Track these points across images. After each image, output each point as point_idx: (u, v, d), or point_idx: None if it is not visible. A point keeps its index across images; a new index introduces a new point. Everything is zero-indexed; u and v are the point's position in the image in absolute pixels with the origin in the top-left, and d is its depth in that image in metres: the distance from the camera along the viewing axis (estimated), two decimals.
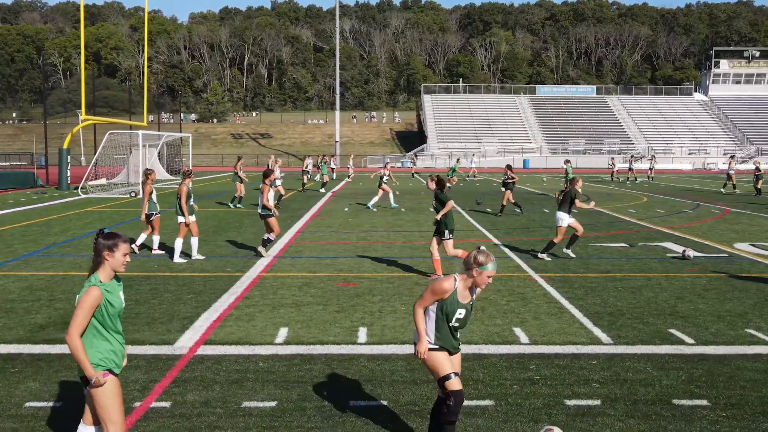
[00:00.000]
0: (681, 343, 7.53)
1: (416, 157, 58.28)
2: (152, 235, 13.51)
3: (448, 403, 4.62)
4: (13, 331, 7.84)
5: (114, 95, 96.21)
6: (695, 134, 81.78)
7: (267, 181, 13.00)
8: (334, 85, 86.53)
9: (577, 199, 12.88)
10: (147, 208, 13.16)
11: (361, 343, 7.46)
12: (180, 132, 48.06)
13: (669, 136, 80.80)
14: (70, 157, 34.76)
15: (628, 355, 7.11)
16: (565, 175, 30.45)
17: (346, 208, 23.39)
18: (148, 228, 13.47)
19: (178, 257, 12.46)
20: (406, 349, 7.16)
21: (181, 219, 12.57)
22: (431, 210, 12.24)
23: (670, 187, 37.11)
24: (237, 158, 25.02)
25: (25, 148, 72.60)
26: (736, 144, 79.24)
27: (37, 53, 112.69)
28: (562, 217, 12.93)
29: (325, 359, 6.92)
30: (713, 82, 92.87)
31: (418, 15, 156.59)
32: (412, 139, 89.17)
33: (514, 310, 8.95)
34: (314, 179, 39.35)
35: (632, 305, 9.24)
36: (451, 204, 10.88)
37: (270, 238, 13.09)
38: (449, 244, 10.90)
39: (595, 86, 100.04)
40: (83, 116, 33.63)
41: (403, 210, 22.73)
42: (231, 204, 23.66)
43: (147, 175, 13.51)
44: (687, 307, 9.14)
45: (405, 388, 6.15)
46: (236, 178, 23.94)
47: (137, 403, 5.70)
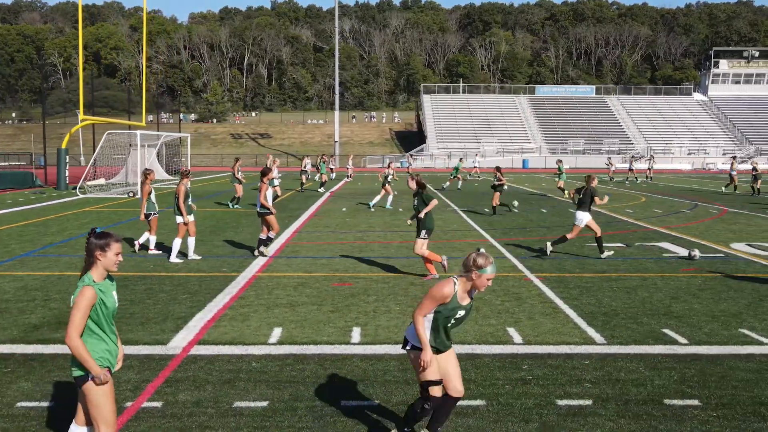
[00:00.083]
0: (674, 343, 7.54)
1: (411, 157, 58.47)
2: (149, 235, 13.54)
3: (425, 406, 4.78)
4: (7, 331, 7.84)
5: (114, 95, 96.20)
6: (694, 134, 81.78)
7: (265, 179, 13.03)
8: (333, 85, 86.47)
9: (596, 196, 13.03)
10: (146, 208, 13.19)
11: (354, 343, 7.46)
12: (179, 132, 48.03)
13: (668, 136, 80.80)
14: (69, 157, 34.80)
15: (621, 355, 7.12)
16: (558, 174, 29.41)
17: (344, 208, 23.39)
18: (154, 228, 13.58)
19: (175, 257, 12.47)
20: (400, 349, 7.14)
21: (179, 219, 12.59)
22: (411, 209, 12.26)
23: (669, 187, 37.11)
24: (235, 159, 24.98)
25: (25, 148, 72.61)
26: (736, 144, 79.23)
27: (37, 53, 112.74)
28: (582, 218, 13.03)
29: (318, 359, 6.92)
30: (713, 82, 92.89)
31: (417, 15, 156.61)
32: (412, 139, 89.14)
33: (508, 310, 8.96)
34: (314, 179, 39.37)
35: (627, 305, 9.25)
36: (435, 202, 10.96)
37: (270, 236, 13.11)
38: (421, 243, 10.95)
39: (594, 86, 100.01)
40: (81, 116, 33.64)
41: (400, 210, 22.72)
42: (230, 204, 23.65)
43: (146, 175, 13.52)
44: (681, 307, 9.14)
45: (397, 388, 6.16)
46: (234, 179, 23.93)
47: (129, 403, 5.71)
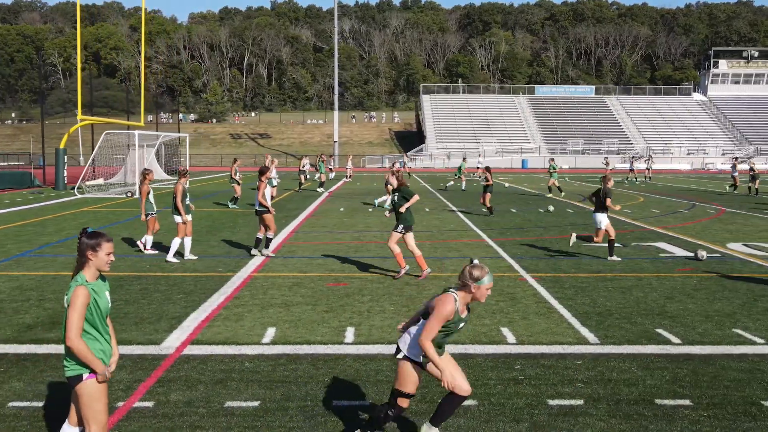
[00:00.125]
0: (667, 342, 7.54)
1: (406, 156, 58.65)
2: (146, 235, 13.55)
3: (389, 413, 4.86)
4: (0, 331, 7.84)
5: (113, 95, 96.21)
6: (694, 134, 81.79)
7: (263, 178, 13.04)
8: (333, 85, 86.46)
9: (608, 197, 12.97)
10: (144, 208, 13.22)
11: (347, 343, 7.46)
12: (178, 132, 48.03)
13: (667, 136, 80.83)
14: (68, 157, 34.81)
15: (614, 355, 7.12)
16: (550, 173, 29.29)
17: (341, 208, 23.40)
18: (156, 227, 13.61)
19: (172, 257, 12.46)
20: (393, 349, 7.16)
21: (178, 219, 12.59)
22: (384, 207, 12.24)
23: (667, 187, 37.12)
24: (233, 160, 24.99)
25: (24, 148, 72.68)
26: (735, 144, 79.27)
27: (37, 53, 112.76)
28: (601, 219, 12.99)
29: (311, 359, 6.93)
30: (712, 82, 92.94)
31: (417, 15, 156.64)
32: (411, 139, 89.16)
33: (503, 310, 8.96)
34: (313, 179, 39.40)
35: (621, 305, 9.25)
36: (416, 198, 11.04)
37: (269, 236, 13.11)
38: (395, 237, 10.95)
39: (593, 86, 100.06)
40: (79, 116, 33.65)
41: None
42: (229, 204, 23.65)
43: (144, 176, 13.54)
44: (676, 307, 9.14)
45: (389, 388, 6.13)
46: (232, 180, 23.95)
47: (120, 403, 5.71)
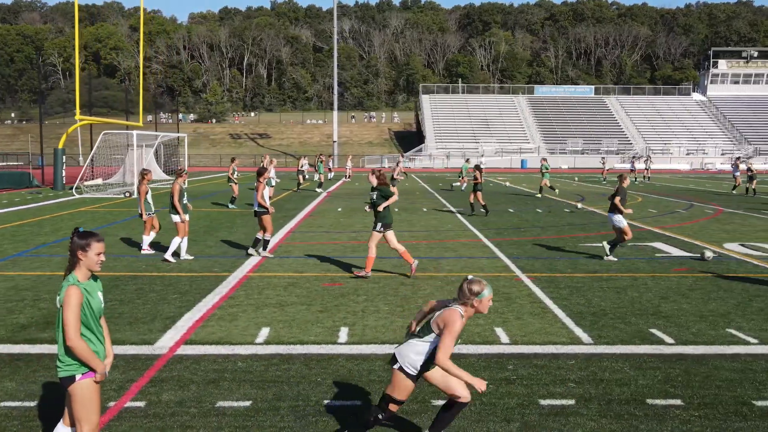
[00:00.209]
0: (661, 342, 7.54)
1: (403, 156, 58.87)
2: (143, 235, 13.56)
3: (379, 417, 4.95)
4: None
5: (113, 95, 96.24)
6: (693, 134, 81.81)
7: (261, 179, 13.03)
8: (333, 85, 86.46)
9: (617, 196, 12.94)
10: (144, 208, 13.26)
11: (341, 343, 7.47)
12: (177, 132, 48.03)
13: (667, 136, 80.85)
14: (67, 157, 34.80)
15: (607, 355, 7.12)
16: (542, 173, 28.70)
17: (339, 208, 23.40)
18: (156, 226, 13.59)
19: (170, 256, 12.46)
20: (386, 349, 7.18)
21: (176, 218, 12.59)
22: (368, 201, 12.32)
23: (666, 187, 37.12)
24: (231, 160, 24.99)
25: (24, 148, 72.63)
26: (734, 144, 79.27)
27: (37, 53, 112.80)
28: (619, 217, 12.96)
29: (304, 359, 6.93)
30: (711, 82, 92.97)
31: (417, 15, 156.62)
32: (411, 139, 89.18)
33: (497, 310, 8.96)
34: (312, 179, 39.41)
35: (616, 305, 9.25)
36: (395, 198, 11.07)
37: (266, 238, 13.11)
38: (375, 237, 10.95)
39: (593, 86, 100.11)
40: (78, 116, 33.65)
41: (396, 210, 22.72)
42: (229, 204, 23.62)
43: (143, 176, 13.55)
44: (670, 307, 9.15)
45: (381, 388, 6.14)
46: (230, 180, 23.94)
47: (112, 403, 5.71)
